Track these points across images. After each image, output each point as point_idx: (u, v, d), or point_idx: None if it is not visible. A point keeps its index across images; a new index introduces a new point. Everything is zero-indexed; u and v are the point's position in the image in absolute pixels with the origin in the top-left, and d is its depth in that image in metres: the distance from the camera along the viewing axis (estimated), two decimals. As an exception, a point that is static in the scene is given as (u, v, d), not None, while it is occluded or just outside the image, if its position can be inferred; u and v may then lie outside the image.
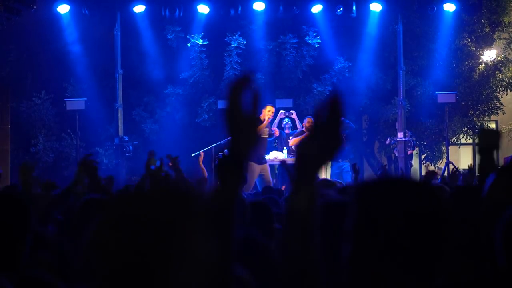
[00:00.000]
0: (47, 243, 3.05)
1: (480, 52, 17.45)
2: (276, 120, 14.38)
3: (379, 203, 1.55)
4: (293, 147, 14.00)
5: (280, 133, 14.45)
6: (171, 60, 16.71)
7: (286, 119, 14.40)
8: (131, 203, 1.27)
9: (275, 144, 15.80)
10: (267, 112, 12.35)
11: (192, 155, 15.54)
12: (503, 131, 19.60)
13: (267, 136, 12.62)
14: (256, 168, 12.29)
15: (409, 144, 15.89)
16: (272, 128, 14.56)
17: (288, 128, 14.35)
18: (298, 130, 14.02)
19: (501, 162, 17.81)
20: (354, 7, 15.97)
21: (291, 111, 14.57)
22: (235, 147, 1.65)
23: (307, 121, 12.84)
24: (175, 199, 1.27)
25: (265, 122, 12.17)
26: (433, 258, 1.53)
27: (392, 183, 1.59)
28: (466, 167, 19.83)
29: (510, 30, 17.76)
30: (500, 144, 3.19)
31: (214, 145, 14.97)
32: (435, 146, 17.63)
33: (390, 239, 1.51)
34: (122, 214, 1.25)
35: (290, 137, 13.86)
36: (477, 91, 17.31)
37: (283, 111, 14.50)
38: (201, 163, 11.49)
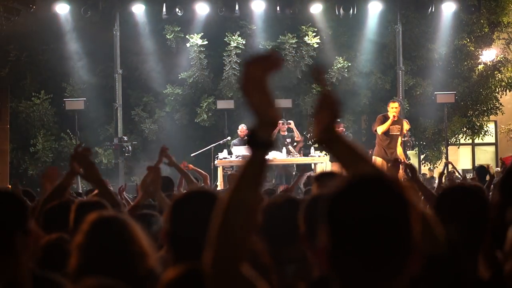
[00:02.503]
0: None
1: (479, 52, 17.45)
2: (275, 131, 14.51)
3: (344, 204, 1.58)
4: (290, 147, 14.20)
5: (277, 137, 14.64)
6: (170, 60, 16.70)
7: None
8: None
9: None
10: (391, 108, 11.97)
11: (192, 155, 15.56)
12: (502, 131, 19.64)
13: (398, 133, 12.28)
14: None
15: (408, 144, 15.88)
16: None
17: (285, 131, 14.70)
18: (298, 139, 14.52)
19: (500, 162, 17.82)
20: (355, 7, 15.97)
21: (289, 121, 14.74)
22: (261, 122, 1.80)
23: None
24: None
25: (390, 119, 11.81)
26: (395, 257, 1.55)
27: (359, 183, 1.61)
28: (465, 167, 19.89)
29: (509, 30, 17.77)
30: None
31: (213, 145, 14.97)
32: (434, 146, 17.63)
33: (352, 238, 1.55)
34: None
35: (287, 140, 14.35)
36: (476, 91, 17.31)
37: (280, 122, 14.66)
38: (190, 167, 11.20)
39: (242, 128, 14.87)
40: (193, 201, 2.54)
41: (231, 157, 14.26)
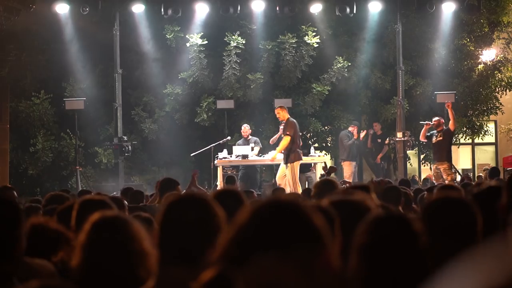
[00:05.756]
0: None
1: (479, 52, 17.44)
2: (277, 136, 14.57)
3: None
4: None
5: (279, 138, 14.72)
6: (170, 60, 16.70)
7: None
8: None
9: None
10: None
11: (192, 154, 15.57)
12: (502, 131, 19.64)
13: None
14: None
15: (408, 144, 15.89)
16: (270, 141, 14.84)
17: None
18: None
19: (500, 162, 17.84)
20: (355, 7, 15.96)
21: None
22: None
23: None
24: None
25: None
26: None
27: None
28: (465, 167, 19.86)
29: (509, 30, 17.76)
30: None
31: (213, 144, 14.97)
32: (434, 146, 17.60)
33: None
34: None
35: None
36: (476, 91, 17.31)
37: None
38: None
39: (244, 128, 14.93)
40: (182, 205, 2.53)
41: (231, 156, 14.27)
